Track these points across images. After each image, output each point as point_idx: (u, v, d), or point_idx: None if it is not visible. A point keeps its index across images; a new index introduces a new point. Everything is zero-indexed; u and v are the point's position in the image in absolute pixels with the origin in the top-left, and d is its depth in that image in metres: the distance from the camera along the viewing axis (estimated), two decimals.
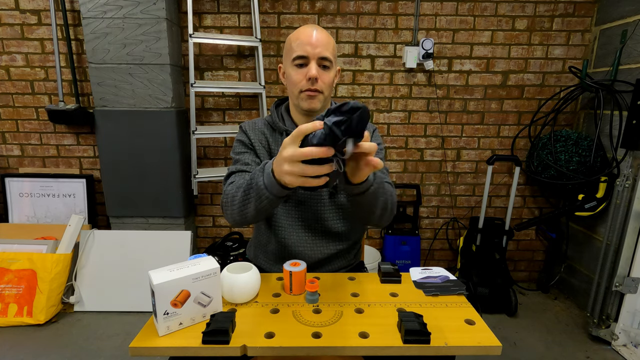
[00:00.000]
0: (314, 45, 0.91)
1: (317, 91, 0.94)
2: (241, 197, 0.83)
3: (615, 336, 1.72)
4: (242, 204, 0.84)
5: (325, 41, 0.93)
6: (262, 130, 1.04)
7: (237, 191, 0.86)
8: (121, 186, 2.07)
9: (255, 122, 1.05)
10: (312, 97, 0.95)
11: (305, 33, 0.93)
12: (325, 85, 0.95)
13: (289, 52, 0.96)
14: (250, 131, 1.03)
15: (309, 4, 2.06)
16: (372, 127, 1.10)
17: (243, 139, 1.03)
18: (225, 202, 0.91)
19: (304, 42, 0.92)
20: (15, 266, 1.88)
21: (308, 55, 0.92)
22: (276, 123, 1.02)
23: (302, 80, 0.93)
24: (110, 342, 1.74)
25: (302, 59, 0.92)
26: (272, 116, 1.04)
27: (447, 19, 2.08)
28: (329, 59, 0.94)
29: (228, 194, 0.90)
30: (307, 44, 0.91)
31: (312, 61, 0.92)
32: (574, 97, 2.02)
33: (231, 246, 2.19)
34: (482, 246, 2.07)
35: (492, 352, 0.67)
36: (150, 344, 0.66)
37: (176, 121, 2.03)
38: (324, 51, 0.93)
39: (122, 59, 1.93)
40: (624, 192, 1.70)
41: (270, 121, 1.04)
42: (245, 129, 1.04)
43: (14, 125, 2.20)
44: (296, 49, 0.92)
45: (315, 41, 0.92)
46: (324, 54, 0.93)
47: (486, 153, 2.25)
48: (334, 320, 0.74)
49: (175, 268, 0.70)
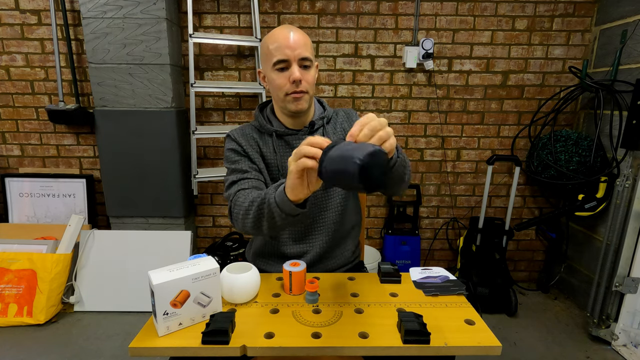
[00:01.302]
0: (293, 47, 0.91)
1: (302, 92, 0.94)
2: (255, 213, 0.82)
3: (615, 336, 1.72)
4: (256, 219, 0.83)
5: (303, 41, 0.93)
6: (252, 135, 1.03)
7: (250, 206, 0.84)
8: (121, 186, 2.07)
9: (243, 129, 1.05)
10: (298, 98, 0.95)
11: (282, 35, 0.92)
12: (309, 85, 0.96)
13: (267, 57, 0.94)
14: (241, 138, 1.02)
15: (309, 4, 2.06)
16: (351, 110, 1.12)
17: (234, 147, 1.02)
18: (236, 213, 0.89)
19: (283, 45, 0.91)
20: (15, 266, 1.88)
21: (288, 58, 0.91)
22: (264, 126, 1.02)
23: (286, 84, 0.93)
24: (110, 342, 1.74)
25: (283, 62, 0.92)
26: (258, 120, 1.04)
27: (447, 19, 2.08)
28: (308, 59, 0.94)
29: (240, 205, 0.88)
30: (286, 47, 0.91)
31: (293, 63, 0.92)
32: (574, 97, 2.02)
33: (231, 246, 2.19)
34: (482, 246, 2.07)
35: (492, 352, 0.67)
36: (150, 344, 0.66)
37: (176, 121, 2.03)
38: (303, 52, 0.92)
39: (122, 59, 1.93)
40: (624, 192, 1.69)
41: (257, 125, 1.04)
42: (235, 137, 1.03)
43: (14, 125, 2.20)
44: (275, 53, 0.92)
45: (293, 43, 0.91)
46: (303, 54, 0.92)
47: (486, 153, 2.25)
48: (334, 320, 0.74)
49: (175, 268, 0.70)
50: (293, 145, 1.02)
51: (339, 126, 1.08)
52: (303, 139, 0.99)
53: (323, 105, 1.11)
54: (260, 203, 0.81)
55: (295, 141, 1.02)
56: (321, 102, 1.11)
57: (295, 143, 1.02)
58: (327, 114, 1.06)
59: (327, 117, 1.06)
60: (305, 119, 1.04)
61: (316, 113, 1.07)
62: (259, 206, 0.81)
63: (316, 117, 1.05)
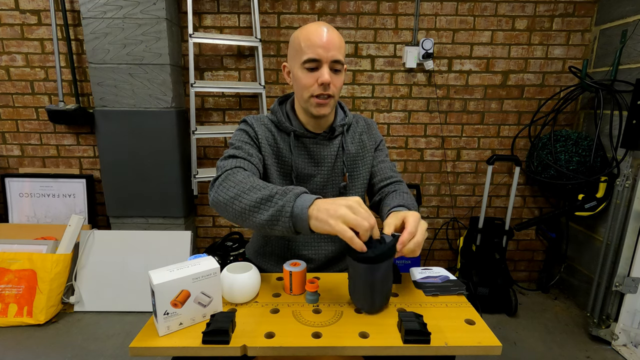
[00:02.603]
0: (327, 48, 0.86)
1: (328, 96, 0.90)
2: (254, 204, 0.75)
3: (615, 336, 1.72)
4: (250, 209, 0.75)
5: (338, 43, 0.88)
6: (269, 127, 0.98)
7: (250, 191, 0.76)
8: (121, 186, 2.07)
9: (261, 118, 1.00)
10: (323, 104, 0.90)
11: (317, 33, 0.86)
12: (337, 90, 0.91)
13: (298, 53, 0.89)
14: (257, 125, 0.97)
15: (309, 4, 2.06)
16: (372, 122, 1.11)
17: (248, 131, 0.96)
18: (226, 187, 0.80)
19: (316, 44, 0.85)
20: (15, 266, 1.88)
21: (321, 58, 0.86)
22: (282, 123, 0.97)
23: (313, 85, 0.88)
24: (110, 342, 1.74)
25: (314, 62, 0.87)
26: (277, 115, 0.98)
27: (447, 19, 2.08)
28: (341, 62, 0.89)
29: (237, 183, 0.79)
30: (320, 47, 0.85)
31: (324, 65, 0.87)
32: (574, 97, 2.02)
33: (231, 246, 2.19)
34: (482, 246, 2.07)
35: (492, 352, 0.67)
36: (150, 344, 0.66)
37: (176, 121, 2.03)
38: (337, 54, 0.87)
39: (122, 59, 1.93)
40: (624, 192, 1.70)
41: (275, 120, 0.98)
42: (250, 122, 0.98)
43: (14, 125, 2.20)
44: (307, 51, 0.86)
45: (327, 43, 0.86)
46: (337, 57, 0.87)
47: (486, 153, 2.25)
48: (334, 320, 0.74)
49: (175, 268, 0.70)
50: (309, 148, 0.99)
51: (357, 137, 1.05)
52: (322, 143, 1.00)
53: (344, 109, 1.06)
54: (266, 199, 0.73)
55: (313, 145, 0.99)
56: (342, 106, 1.07)
57: (312, 147, 0.99)
58: (348, 120, 1.03)
59: (347, 123, 1.03)
60: (326, 122, 1.00)
61: (337, 118, 1.03)
62: (263, 200, 0.74)
63: (337, 122, 1.01)
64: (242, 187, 0.78)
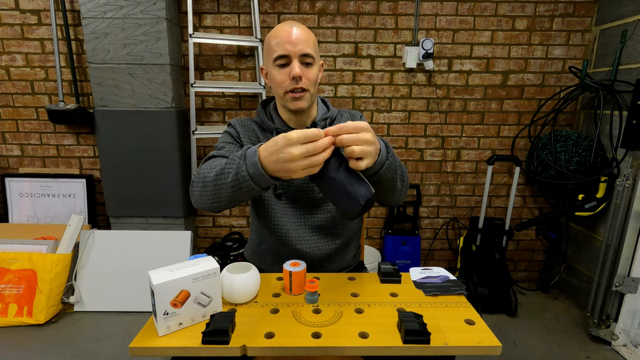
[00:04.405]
0: (294, 42, 0.89)
1: (302, 90, 0.93)
2: (215, 183, 0.79)
3: (615, 336, 1.72)
4: (215, 190, 0.79)
5: (305, 37, 0.91)
6: (252, 127, 1.03)
7: (210, 174, 0.81)
8: (121, 186, 2.07)
9: (245, 120, 1.05)
10: (298, 98, 0.93)
11: (284, 31, 0.90)
12: (310, 82, 0.93)
13: (269, 53, 0.93)
14: (239, 127, 1.02)
15: (309, 4, 2.06)
16: (356, 113, 1.11)
17: (231, 132, 1.02)
18: (195, 182, 0.86)
19: (284, 40, 0.89)
20: (15, 266, 1.88)
21: (289, 53, 0.89)
22: (265, 122, 1.01)
23: (286, 80, 0.91)
24: (110, 342, 1.74)
25: (284, 58, 0.90)
26: (260, 116, 1.03)
27: (447, 19, 2.08)
28: (310, 55, 0.92)
29: (200, 173, 0.85)
30: (287, 42, 0.89)
31: (294, 59, 0.90)
32: (574, 97, 2.02)
33: (231, 246, 2.19)
34: (482, 246, 2.07)
35: (492, 352, 0.67)
36: (150, 344, 0.66)
37: (176, 121, 2.03)
38: (305, 47, 0.90)
39: (122, 59, 1.93)
40: (624, 192, 1.70)
41: (259, 121, 1.03)
42: (234, 124, 1.03)
43: (14, 125, 2.20)
44: (276, 48, 0.90)
45: (295, 38, 0.89)
46: (305, 51, 0.90)
47: (486, 153, 2.25)
48: (334, 320, 0.74)
49: (175, 268, 0.70)
50: None
51: None
52: None
53: (327, 105, 1.09)
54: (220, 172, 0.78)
55: None
56: (325, 102, 1.10)
57: None
58: (330, 114, 1.04)
59: (330, 117, 1.04)
60: (308, 118, 1.02)
61: (319, 113, 1.06)
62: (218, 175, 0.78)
63: (319, 117, 1.04)
64: (205, 175, 0.83)
